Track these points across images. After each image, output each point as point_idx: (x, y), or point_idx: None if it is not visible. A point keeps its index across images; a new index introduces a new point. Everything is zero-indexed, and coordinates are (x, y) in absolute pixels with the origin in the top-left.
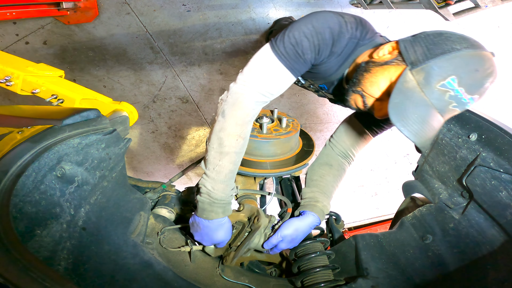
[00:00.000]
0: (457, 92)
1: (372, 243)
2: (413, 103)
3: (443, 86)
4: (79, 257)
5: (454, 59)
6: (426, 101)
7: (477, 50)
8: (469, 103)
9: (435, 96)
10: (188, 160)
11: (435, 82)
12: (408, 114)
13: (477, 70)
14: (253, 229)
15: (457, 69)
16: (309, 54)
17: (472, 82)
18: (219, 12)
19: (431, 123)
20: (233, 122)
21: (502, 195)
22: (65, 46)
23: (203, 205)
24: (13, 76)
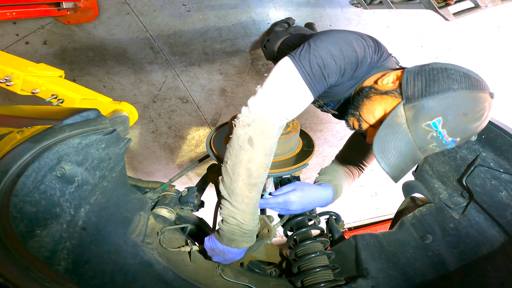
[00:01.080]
0: (440, 133)
1: (372, 243)
2: (397, 138)
3: (428, 126)
4: (79, 257)
5: (446, 99)
6: (409, 138)
7: (474, 91)
8: (449, 145)
9: (419, 135)
10: (188, 160)
11: (422, 121)
12: (389, 147)
13: (466, 114)
14: (261, 237)
15: (445, 111)
16: (334, 78)
17: (456, 126)
18: (219, 12)
19: (409, 159)
20: (262, 153)
21: (502, 195)
22: (65, 46)
23: (233, 236)
24: (13, 76)
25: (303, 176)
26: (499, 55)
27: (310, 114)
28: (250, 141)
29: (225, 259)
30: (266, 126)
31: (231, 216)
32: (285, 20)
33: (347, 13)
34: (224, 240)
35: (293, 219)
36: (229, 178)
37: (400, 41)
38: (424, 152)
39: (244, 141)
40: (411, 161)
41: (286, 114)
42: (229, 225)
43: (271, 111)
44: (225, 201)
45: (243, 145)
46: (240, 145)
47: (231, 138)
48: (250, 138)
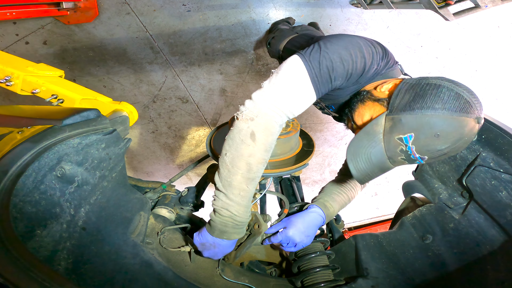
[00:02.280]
0: (409, 148)
1: (372, 243)
2: (370, 145)
3: (399, 139)
4: (79, 257)
5: (423, 118)
6: (381, 147)
7: (456, 114)
8: (417, 160)
9: (390, 146)
10: (188, 160)
11: (396, 133)
12: (361, 152)
13: (438, 135)
14: (253, 233)
15: (418, 129)
16: (339, 81)
17: (426, 145)
18: (219, 12)
19: (377, 166)
20: (263, 148)
21: (502, 195)
22: (65, 46)
23: (225, 227)
24: (13, 76)
25: (303, 176)
26: (499, 55)
27: (310, 114)
28: (253, 136)
29: (215, 252)
30: (270, 123)
31: (225, 208)
32: (285, 20)
33: (347, 13)
34: (216, 232)
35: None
36: (227, 170)
37: (400, 41)
38: (393, 163)
39: (246, 135)
40: (378, 169)
41: (289, 113)
42: (222, 217)
43: (276, 109)
44: (220, 192)
45: (245, 139)
46: (242, 139)
47: (231, 131)
48: (252, 133)
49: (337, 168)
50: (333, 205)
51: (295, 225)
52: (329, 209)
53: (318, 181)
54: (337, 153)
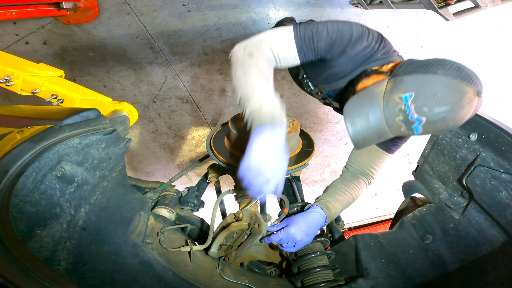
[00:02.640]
0: (407, 107)
1: (372, 243)
2: (369, 104)
3: (399, 98)
4: (79, 257)
5: (423, 79)
6: (380, 107)
7: (456, 80)
8: (414, 123)
9: (389, 105)
10: (188, 160)
11: (396, 93)
12: (359, 110)
13: (437, 94)
14: (254, 233)
15: (419, 88)
16: (322, 44)
17: (424, 104)
18: (219, 12)
19: (374, 129)
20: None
21: (502, 195)
22: (65, 46)
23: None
24: (13, 76)
25: (303, 176)
26: (499, 55)
27: (310, 114)
28: (251, 54)
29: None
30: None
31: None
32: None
33: (347, 13)
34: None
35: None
36: (243, 82)
37: (400, 41)
38: (390, 126)
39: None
40: (374, 131)
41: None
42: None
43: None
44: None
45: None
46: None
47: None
48: (250, 52)
49: (337, 168)
50: (335, 205)
51: (296, 223)
52: (331, 210)
53: (318, 181)
54: (337, 153)
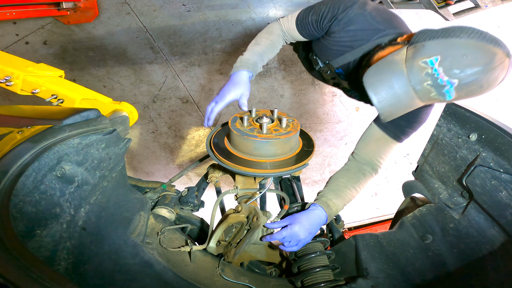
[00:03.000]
0: (435, 70)
1: (372, 243)
2: (391, 71)
3: (424, 63)
4: (79, 257)
5: (447, 42)
6: (404, 73)
7: (483, 42)
8: (445, 87)
9: (413, 71)
10: (188, 160)
11: (419, 58)
12: (381, 79)
13: (466, 56)
14: (252, 227)
15: (444, 50)
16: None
17: (454, 65)
18: (219, 12)
19: (401, 96)
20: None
21: (502, 195)
22: (65, 46)
23: (235, 65)
24: (13, 76)
25: (303, 176)
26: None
27: (310, 114)
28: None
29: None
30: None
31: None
32: None
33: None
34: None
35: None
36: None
37: None
38: (418, 92)
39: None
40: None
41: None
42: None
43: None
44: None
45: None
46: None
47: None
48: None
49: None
50: (336, 203)
51: (300, 221)
52: (332, 208)
53: (318, 181)
54: (337, 153)
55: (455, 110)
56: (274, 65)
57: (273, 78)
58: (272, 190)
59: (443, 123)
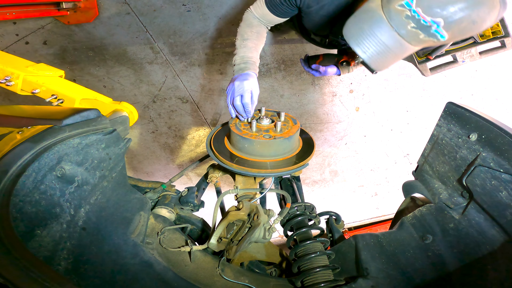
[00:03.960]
0: (414, 12)
1: (372, 243)
2: (370, 20)
3: (401, 6)
4: (79, 257)
5: None
6: (384, 20)
7: None
8: (432, 27)
9: (392, 15)
10: (188, 160)
11: (395, 1)
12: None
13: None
14: (253, 225)
15: None
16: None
17: (432, 3)
18: (219, 12)
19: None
20: (244, 24)
21: (502, 195)
22: (65, 46)
23: (238, 65)
24: (13, 76)
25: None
26: (499, 55)
27: (310, 114)
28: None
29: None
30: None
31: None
32: None
33: None
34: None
35: (293, 219)
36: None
37: None
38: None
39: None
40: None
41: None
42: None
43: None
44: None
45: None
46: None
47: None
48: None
49: (337, 168)
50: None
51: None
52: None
53: (318, 181)
54: (337, 153)
55: (455, 110)
56: (274, 65)
57: (273, 78)
58: (272, 189)
59: (443, 123)
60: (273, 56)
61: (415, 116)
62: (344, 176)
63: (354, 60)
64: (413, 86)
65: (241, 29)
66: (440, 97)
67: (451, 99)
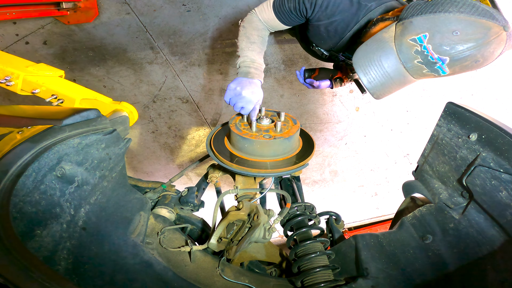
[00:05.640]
0: (424, 48)
1: (372, 243)
2: (380, 50)
3: (413, 40)
4: (79, 257)
5: (436, 18)
6: (393, 51)
7: (474, 16)
8: (437, 63)
9: (403, 49)
10: (188, 160)
11: (408, 35)
12: (370, 58)
13: (456, 32)
14: (253, 225)
15: (432, 27)
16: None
17: (443, 42)
18: (219, 12)
19: (391, 75)
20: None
21: (502, 195)
22: (65, 46)
23: (245, 68)
24: (13, 76)
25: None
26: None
27: (310, 114)
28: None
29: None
30: (251, 17)
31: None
32: None
33: None
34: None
35: (293, 219)
36: (238, 45)
37: None
38: (410, 69)
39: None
40: (393, 78)
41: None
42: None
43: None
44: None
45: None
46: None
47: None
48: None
49: (337, 168)
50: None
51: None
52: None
53: (318, 181)
54: (337, 153)
55: (455, 110)
56: (274, 65)
57: (273, 78)
58: (272, 189)
59: (443, 123)
60: (273, 56)
61: (415, 116)
62: (344, 176)
63: (348, 78)
64: (413, 86)
65: (246, 31)
66: (440, 97)
67: (451, 99)
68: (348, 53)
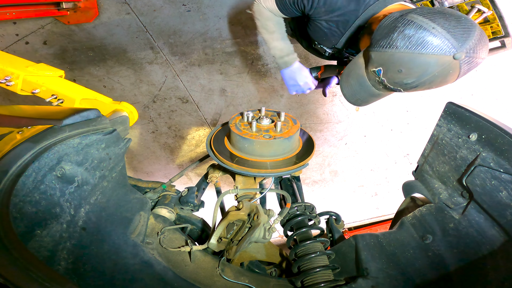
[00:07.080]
0: (382, 80)
1: (372, 243)
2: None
3: (373, 72)
4: (79, 257)
5: (385, 55)
6: (363, 76)
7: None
8: (396, 90)
9: (370, 76)
10: (188, 160)
11: (370, 66)
12: (352, 75)
13: (401, 71)
14: (253, 226)
15: (384, 64)
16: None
17: (393, 78)
18: (219, 12)
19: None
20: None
21: (502, 195)
22: (65, 46)
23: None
24: (13, 76)
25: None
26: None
27: (310, 114)
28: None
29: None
30: (259, 8)
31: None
32: None
33: None
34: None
35: (293, 219)
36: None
37: None
38: (380, 90)
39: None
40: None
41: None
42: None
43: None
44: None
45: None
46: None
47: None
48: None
49: (337, 168)
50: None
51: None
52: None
53: (318, 181)
54: (337, 153)
55: (455, 110)
56: (274, 65)
57: (273, 78)
58: (272, 189)
59: (443, 123)
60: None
61: (415, 116)
62: (344, 176)
63: None
64: None
65: (261, 23)
66: (440, 97)
67: (451, 99)
68: (351, 49)
